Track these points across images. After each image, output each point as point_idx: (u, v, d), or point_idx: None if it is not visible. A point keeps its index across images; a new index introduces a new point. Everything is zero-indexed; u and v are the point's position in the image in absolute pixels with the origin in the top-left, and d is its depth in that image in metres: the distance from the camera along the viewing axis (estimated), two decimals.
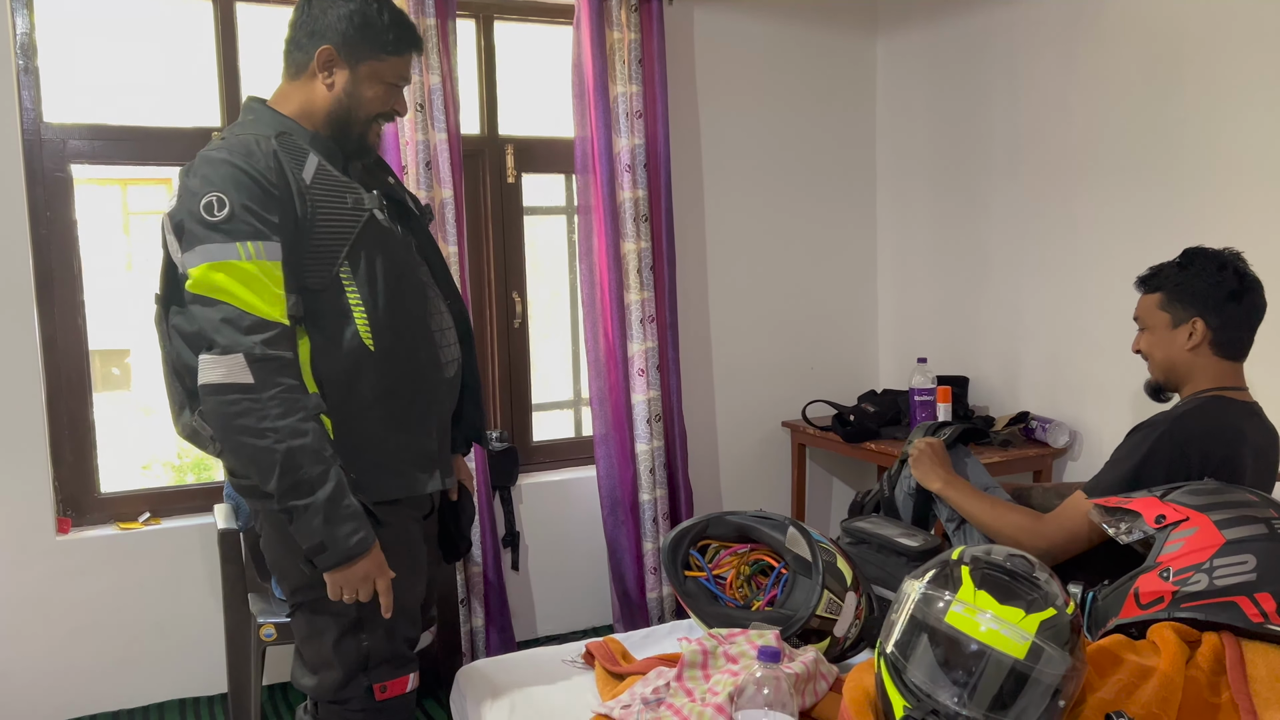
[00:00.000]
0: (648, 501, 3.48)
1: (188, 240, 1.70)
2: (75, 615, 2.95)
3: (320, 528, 1.71)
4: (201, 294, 1.68)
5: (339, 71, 1.85)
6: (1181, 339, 2.06)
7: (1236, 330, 2.05)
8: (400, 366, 1.87)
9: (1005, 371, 3.55)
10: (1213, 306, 2.03)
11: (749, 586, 2.05)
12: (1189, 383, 2.08)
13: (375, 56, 1.86)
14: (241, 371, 1.66)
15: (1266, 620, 1.60)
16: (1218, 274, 2.04)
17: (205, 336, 1.68)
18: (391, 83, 1.90)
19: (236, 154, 1.73)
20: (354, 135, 1.90)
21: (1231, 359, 2.07)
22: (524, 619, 3.50)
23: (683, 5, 3.58)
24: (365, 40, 1.84)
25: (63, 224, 2.92)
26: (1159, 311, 2.09)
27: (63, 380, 2.95)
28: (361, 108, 1.88)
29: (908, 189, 3.91)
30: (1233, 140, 2.77)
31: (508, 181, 3.49)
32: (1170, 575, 1.67)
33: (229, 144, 1.75)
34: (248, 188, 1.70)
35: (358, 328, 1.80)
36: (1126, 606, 1.72)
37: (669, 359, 3.51)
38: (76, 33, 2.98)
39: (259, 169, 1.72)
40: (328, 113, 1.87)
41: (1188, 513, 1.72)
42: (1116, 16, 3.05)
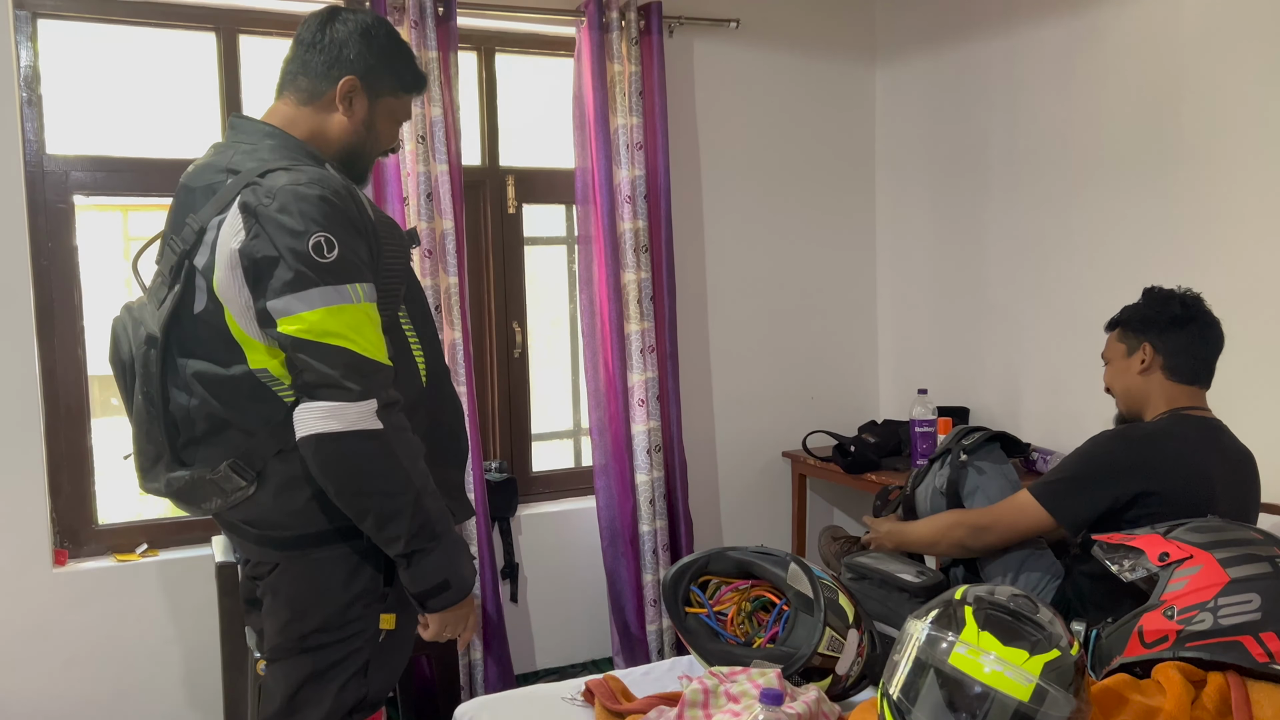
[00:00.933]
0: (648, 532, 3.46)
1: (293, 283, 1.58)
2: (72, 647, 2.92)
3: (445, 567, 1.69)
4: (316, 340, 1.58)
5: (359, 103, 1.80)
6: (1135, 365, 2.18)
7: (1186, 356, 2.14)
8: (441, 402, 1.87)
9: (1006, 403, 3.55)
10: (1158, 330, 2.15)
11: (750, 623, 2.03)
12: (1147, 407, 2.18)
13: (394, 93, 1.83)
14: (370, 419, 1.59)
15: (1272, 660, 1.59)
16: (1164, 304, 2.17)
17: (329, 384, 1.57)
18: (399, 121, 1.89)
19: (328, 189, 1.63)
20: (360, 169, 1.86)
21: (1186, 383, 2.15)
22: (523, 652, 3.48)
23: (683, 37, 3.61)
24: (389, 75, 1.82)
25: (64, 254, 2.93)
26: (1117, 344, 2.24)
27: (61, 410, 2.95)
28: (376, 142, 1.85)
29: (907, 218, 3.92)
30: (1232, 167, 2.78)
31: (508, 212, 3.50)
32: (1175, 614, 1.66)
33: (312, 177, 1.64)
34: (347, 226, 1.63)
35: (417, 364, 1.79)
36: (1131, 645, 1.71)
37: (669, 389, 3.50)
38: (80, 64, 3.00)
39: (347, 205, 1.65)
40: (343, 144, 1.81)
41: (1191, 550, 1.71)
42: (1113, 44, 3.07)
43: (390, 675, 1.87)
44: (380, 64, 1.80)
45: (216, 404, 1.69)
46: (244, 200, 1.62)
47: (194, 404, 1.71)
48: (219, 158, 1.74)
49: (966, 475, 2.28)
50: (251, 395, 1.68)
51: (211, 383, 1.69)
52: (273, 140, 1.75)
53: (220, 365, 1.68)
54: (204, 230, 1.67)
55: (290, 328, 1.58)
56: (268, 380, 1.67)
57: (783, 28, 3.80)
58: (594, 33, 3.32)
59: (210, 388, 1.69)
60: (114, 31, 3.01)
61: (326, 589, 1.75)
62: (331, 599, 1.76)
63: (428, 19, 3.08)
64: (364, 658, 1.80)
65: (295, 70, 1.80)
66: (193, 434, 1.73)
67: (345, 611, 1.76)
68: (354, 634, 1.77)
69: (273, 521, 1.74)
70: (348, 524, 1.69)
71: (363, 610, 1.77)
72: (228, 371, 1.67)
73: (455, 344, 3.17)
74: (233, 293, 1.64)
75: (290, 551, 1.76)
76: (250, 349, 1.66)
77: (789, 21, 3.81)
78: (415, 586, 1.69)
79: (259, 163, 1.68)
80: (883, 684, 1.51)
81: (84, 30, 2.98)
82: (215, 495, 1.73)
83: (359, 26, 1.79)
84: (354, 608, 1.76)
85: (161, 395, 1.72)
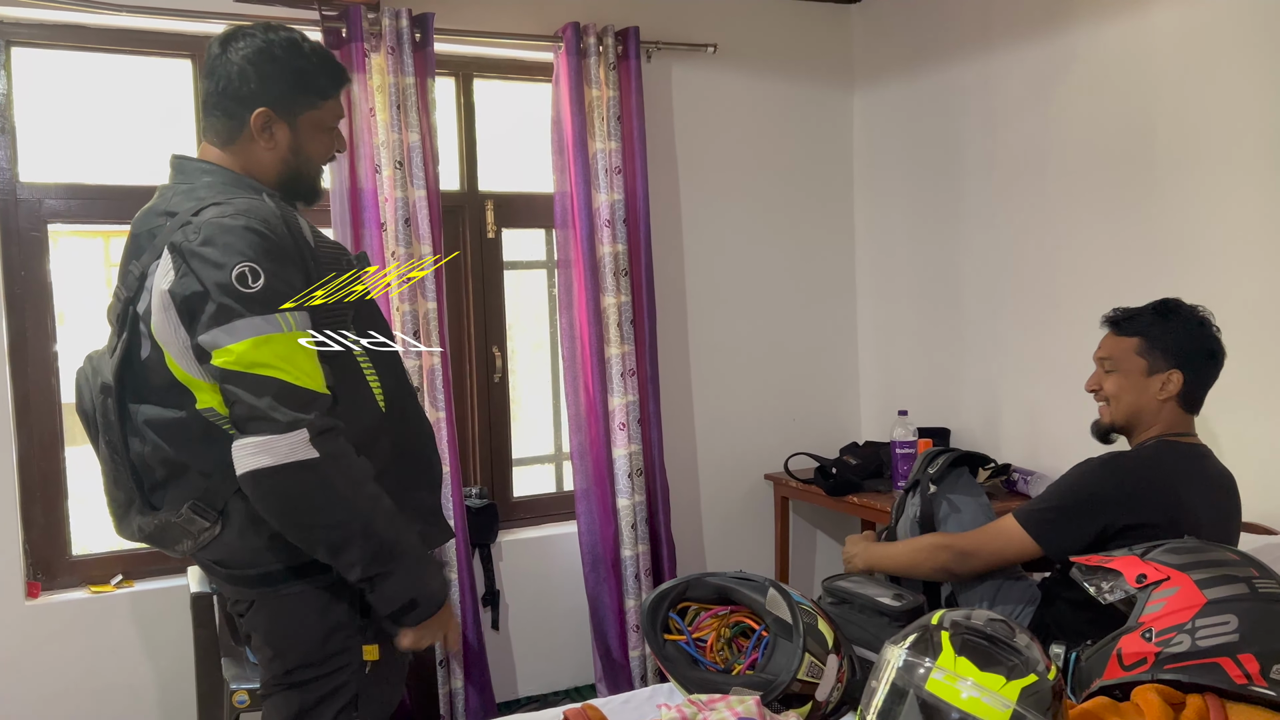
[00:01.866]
0: (630, 557, 3.44)
1: (217, 316, 1.55)
2: (46, 681, 2.88)
3: (410, 586, 1.67)
4: (245, 371, 1.55)
5: (279, 131, 1.75)
6: (1154, 388, 2.10)
7: (1204, 388, 2.11)
8: (406, 425, 1.84)
9: (986, 423, 3.55)
10: (1191, 361, 2.08)
11: (730, 649, 2.01)
12: (1147, 430, 2.13)
13: (313, 105, 1.76)
14: (304, 449, 1.55)
15: (1250, 682, 1.58)
16: (1199, 329, 2.09)
17: (257, 416, 1.54)
18: (331, 126, 1.81)
19: (254, 219, 1.60)
20: (305, 189, 1.82)
21: (1191, 412, 2.13)
22: (504, 679, 3.44)
23: (661, 62, 3.62)
24: (301, 92, 1.74)
25: (38, 283, 2.90)
26: (1136, 357, 2.13)
27: (35, 440, 2.92)
28: (310, 161, 1.80)
29: (886, 240, 3.94)
30: (1207, 187, 2.80)
31: (488, 237, 3.49)
32: (1153, 636, 1.65)
33: (240, 208, 1.61)
34: (274, 255, 1.60)
35: (372, 390, 1.76)
36: (1110, 668, 1.70)
37: (650, 412, 3.49)
38: (54, 92, 2.98)
39: (278, 233, 1.62)
40: (277, 174, 1.77)
41: (1169, 572, 1.70)
42: (1088, 66, 3.09)
43: (383, 707, 1.85)
44: (287, 85, 1.73)
45: (169, 449, 1.67)
46: (173, 240, 1.61)
47: (148, 450, 1.69)
48: (159, 201, 1.73)
49: (939, 505, 2.28)
50: (203, 437, 1.66)
51: (162, 428, 1.67)
52: (210, 177, 1.72)
53: (170, 409, 1.66)
54: (144, 275, 1.66)
55: (219, 360, 1.56)
56: (216, 419, 1.65)
57: (760, 52, 3.83)
58: (572, 58, 3.33)
59: (161, 433, 1.67)
60: (89, 59, 3.01)
61: (302, 625, 1.74)
62: (308, 634, 1.74)
63: (405, 45, 3.08)
64: (352, 691, 1.78)
65: (208, 110, 1.75)
66: (154, 479, 1.72)
67: (324, 645, 1.74)
68: (338, 668, 1.76)
69: (240, 560, 1.73)
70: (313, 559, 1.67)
71: (343, 643, 1.76)
72: (177, 414, 1.66)
73: (434, 369, 3.16)
74: (169, 334, 1.62)
75: (262, 589, 1.74)
76: (197, 389, 1.65)
77: (766, 46, 3.84)
78: (384, 609, 1.68)
79: (195, 201, 1.65)
80: (860, 710, 1.49)
81: (58, 58, 2.97)
82: (184, 538, 1.71)
83: (253, 51, 1.71)
84: (332, 641, 1.75)
85: (123, 443, 1.71)
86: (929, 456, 2.38)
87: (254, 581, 1.74)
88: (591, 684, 3.54)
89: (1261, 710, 1.57)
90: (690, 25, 3.66)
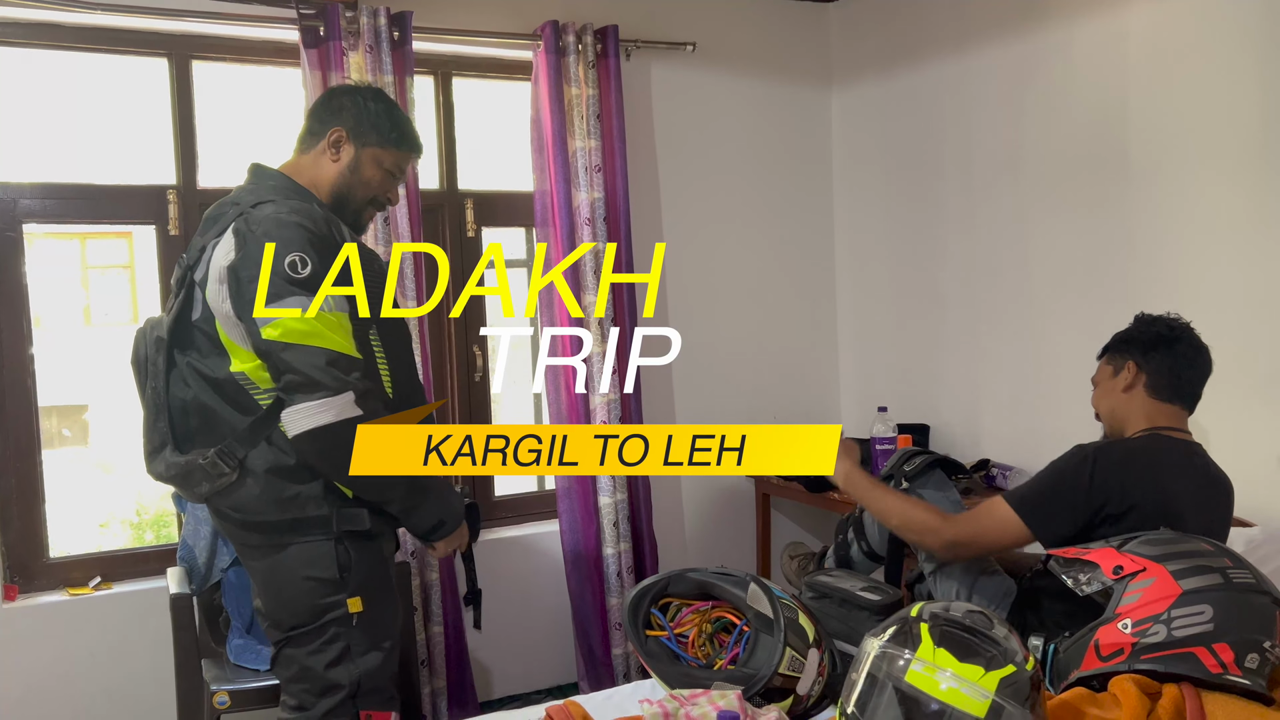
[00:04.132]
0: (611, 556, 3.45)
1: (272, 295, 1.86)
2: (22, 684, 2.85)
3: (440, 510, 2.09)
4: (295, 343, 1.85)
5: (345, 149, 2.11)
6: (1120, 383, 2.17)
7: (1169, 375, 2.12)
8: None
9: (966, 420, 3.58)
10: (1141, 349, 2.15)
11: (711, 645, 2.02)
12: (1128, 424, 2.16)
13: (379, 145, 2.12)
14: (351, 407, 1.88)
15: (1225, 671, 1.60)
16: (1151, 324, 2.17)
17: (311, 382, 1.85)
18: (389, 170, 2.14)
19: (306, 218, 1.94)
20: (350, 212, 2.13)
21: (1167, 401, 2.13)
22: (486, 679, 3.44)
23: (640, 60, 3.63)
24: (373, 129, 2.11)
25: (12, 284, 2.88)
26: (1105, 366, 2.23)
27: (10, 442, 2.89)
28: (361, 186, 2.12)
29: (865, 238, 3.96)
30: (1181, 190, 2.83)
31: (467, 235, 3.49)
32: (1129, 627, 1.67)
33: (294, 208, 1.95)
34: (320, 248, 1.93)
35: (384, 380, 2.06)
36: (1087, 659, 1.72)
37: (631, 410, 3.49)
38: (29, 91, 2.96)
39: (323, 231, 1.95)
40: (332, 185, 2.11)
41: (1145, 563, 1.72)
42: (1062, 67, 3.12)
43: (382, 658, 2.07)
44: (367, 119, 2.11)
45: (205, 398, 1.97)
46: (235, 226, 1.94)
47: (189, 395, 1.99)
48: (233, 195, 2.06)
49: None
50: (234, 394, 1.96)
51: (202, 379, 1.98)
52: (273, 182, 2.06)
53: (210, 365, 1.97)
54: (204, 249, 1.99)
55: (270, 333, 1.86)
56: (245, 384, 1.95)
57: (739, 51, 3.84)
58: (551, 56, 3.33)
59: (201, 383, 1.98)
60: (65, 58, 2.98)
61: (290, 581, 2.00)
62: (296, 591, 2.00)
63: (383, 43, 3.07)
64: (343, 643, 2.02)
65: (306, 129, 2.15)
66: (188, 425, 2.01)
67: (311, 604, 2.00)
68: (327, 621, 2.00)
69: (250, 509, 1.99)
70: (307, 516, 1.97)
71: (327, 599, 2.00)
72: (215, 372, 1.96)
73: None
74: (219, 303, 1.93)
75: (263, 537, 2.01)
76: (234, 354, 1.95)
77: (745, 45, 3.85)
78: (418, 530, 2.11)
79: (256, 197, 1.99)
80: (841, 703, 1.51)
81: (33, 56, 2.95)
82: (204, 480, 1.98)
83: (355, 91, 2.17)
84: (317, 597, 2.00)
85: (165, 390, 2.02)
86: (906, 455, 2.39)
87: (258, 528, 2.00)
88: (574, 682, 3.54)
89: (1236, 699, 1.60)
90: (669, 24, 3.67)
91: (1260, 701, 1.60)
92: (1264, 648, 1.62)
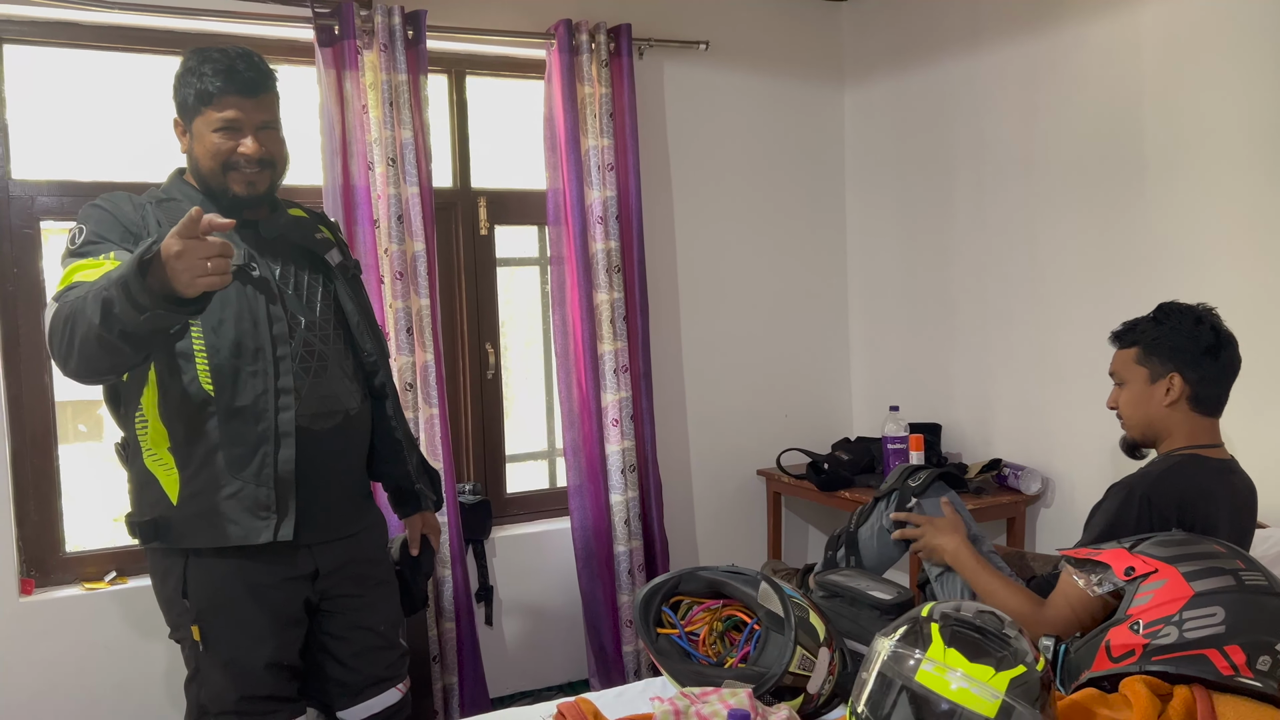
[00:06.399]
0: (623, 553, 3.46)
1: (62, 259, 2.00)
2: (37, 678, 2.88)
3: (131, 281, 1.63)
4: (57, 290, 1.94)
5: (183, 136, 2.08)
6: (1159, 394, 2.06)
7: (1214, 386, 2.05)
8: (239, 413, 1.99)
9: (977, 419, 3.57)
10: (1190, 361, 2.03)
11: (722, 643, 2.03)
12: (1166, 439, 2.08)
13: (199, 112, 2.02)
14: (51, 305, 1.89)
15: (1236, 673, 1.59)
16: (1194, 328, 2.04)
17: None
18: (222, 128, 2.01)
19: (108, 200, 2.03)
20: (216, 187, 2.05)
21: (1208, 414, 2.07)
22: (498, 675, 3.45)
23: (653, 59, 3.63)
24: (189, 99, 2.03)
25: (30, 280, 2.90)
26: (1136, 366, 2.10)
27: (28, 438, 2.91)
28: (203, 160, 2.04)
29: (877, 236, 3.95)
30: (1195, 185, 2.82)
31: (480, 233, 3.50)
32: (1140, 628, 1.66)
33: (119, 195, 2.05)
34: (104, 224, 1.99)
35: (198, 373, 1.97)
36: (1098, 659, 1.71)
37: (643, 409, 3.50)
38: (46, 89, 2.98)
39: (120, 210, 2.01)
40: (192, 170, 2.09)
41: (1156, 564, 1.72)
42: (1076, 64, 3.11)
43: (218, 694, 2.03)
44: (179, 94, 2.05)
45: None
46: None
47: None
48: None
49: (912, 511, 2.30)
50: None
51: None
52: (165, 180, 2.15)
53: None
54: None
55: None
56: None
57: (752, 49, 3.84)
58: (564, 55, 3.33)
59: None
60: (82, 56, 3.00)
61: (164, 585, 2.08)
62: (162, 598, 2.10)
63: (397, 42, 3.09)
64: (193, 664, 2.06)
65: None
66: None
67: (169, 610, 2.08)
68: (182, 638, 2.07)
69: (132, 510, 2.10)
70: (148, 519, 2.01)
71: (177, 617, 2.06)
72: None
73: (428, 366, 3.16)
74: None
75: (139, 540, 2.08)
76: None
77: (758, 43, 3.85)
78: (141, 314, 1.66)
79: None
80: (851, 702, 1.51)
81: (50, 55, 2.97)
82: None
83: (177, 74, 2.07)
84: (172, 612, 2.07)
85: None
86: (907, 470, 2.39)
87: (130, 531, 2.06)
88: (585, 679, 3.55)
89: (1248, 701, 1.59)
90: (682, 22, 3.67)
91: (1272, 704, 1.59)
92: (1276, 650, 1.61)
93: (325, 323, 2.13)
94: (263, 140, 2.04)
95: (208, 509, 1.98)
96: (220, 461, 1.98)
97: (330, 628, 2.19)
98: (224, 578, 2.02)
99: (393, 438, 2.28)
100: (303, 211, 2.25)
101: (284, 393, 2.01)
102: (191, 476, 1.99)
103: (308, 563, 2.11)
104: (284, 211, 2.17)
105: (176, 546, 2.02)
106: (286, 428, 2.01)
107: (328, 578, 2.14)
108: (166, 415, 1.99)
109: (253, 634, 2.04)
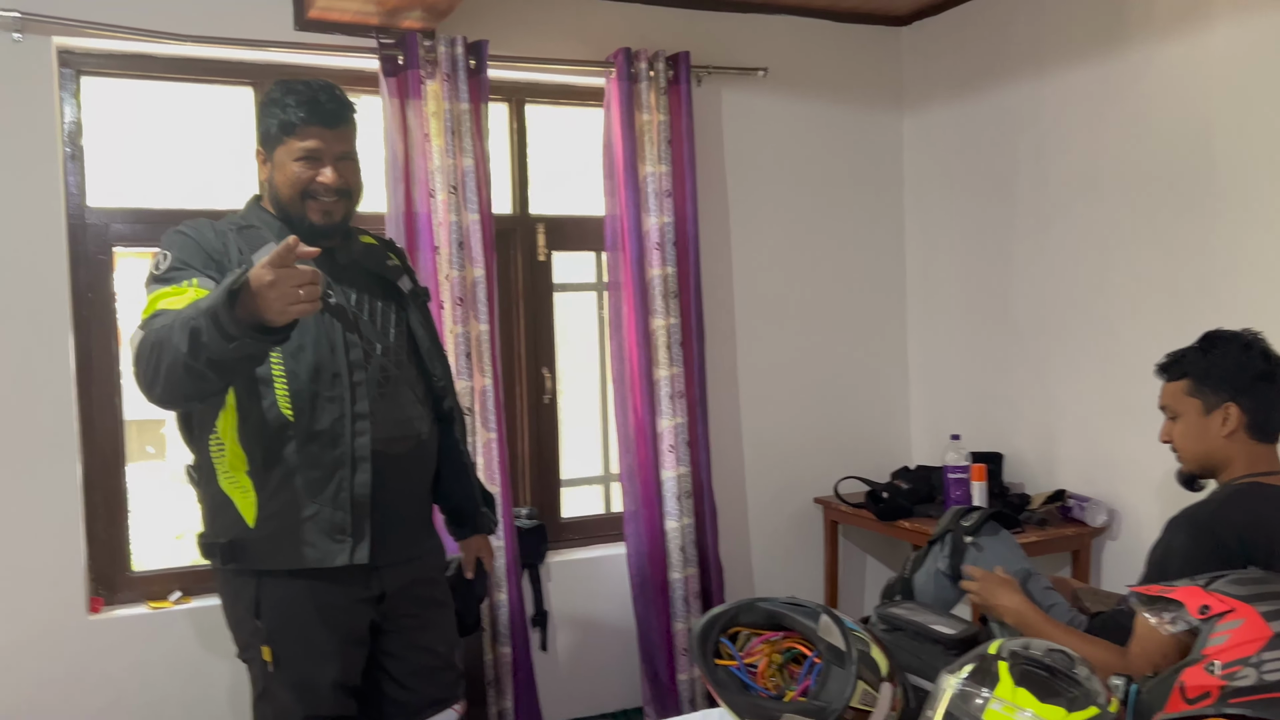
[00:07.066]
0: (678, 580, 3.44)
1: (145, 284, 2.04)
2: (103, 695, 2.93)
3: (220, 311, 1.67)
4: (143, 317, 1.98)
5: (264, 165, 2.12)
6: (1215, 426, 2.01)
7: (1271, 412, 2.00)
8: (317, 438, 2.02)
9: (1040, 448, 3.50)
10: (1244, 388, 1.99)
11: (781, 675, 2.00)
12: (1226, 470, 2.03)
13: (281, 142, 2.07)
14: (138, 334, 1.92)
15: None
16: (1244, 354, 2.00)
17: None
18: (302, 158, 2.06)
19: (190, 226, 2.06)
20: (294, 216, 2.08)
21: (1267, 441, 2.02)
22: (552, 701, 3.44)
23: (711, 86, 3.64)
24: (272, 129, 2.08)
25: (103, 305, 2.98)
26: (1187, 398, 2.05)
27: (98, 458, 2.98)
28: (283, 188, 2.08)
29: (937, 262, 3.91)
30: (1267, 208, 2.75)
31: (538, 259, 3.52)
32: (1217, 669, 1.61)
33: (201, 222, 2.09)
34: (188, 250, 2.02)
35: (277, 398, 2.00)
36: (1172, 701, 1.66)
37: (699, 435, 3.49)
38: (121, 119, 3.07)
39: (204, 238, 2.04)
40: (270, 198, 2.13)
41: (1233, 604, 1.67)
42: (1144, 86, 3.06)
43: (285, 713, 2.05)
44: (262, 125, 2.11)
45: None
46: None
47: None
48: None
49: (966, 554, 2.24)
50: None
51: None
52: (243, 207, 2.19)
53: None
54: None
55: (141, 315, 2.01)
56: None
57: (810, 76, 3.83)
58: (623, 83, 3.36)
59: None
60: (154, 87, 3.09)
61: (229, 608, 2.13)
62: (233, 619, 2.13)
63: (460, 71, 3.13)
64: (261, 684, 2.08)
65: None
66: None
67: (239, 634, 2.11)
68: (251, 658, 2.09)
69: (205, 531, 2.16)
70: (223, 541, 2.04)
71: (248, 637, 2.08)
72: None
73: (486, 390, 3.19)
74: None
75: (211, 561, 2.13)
76: None
77: (816, 70, 3.84)
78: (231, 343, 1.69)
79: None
80: None
81: (125, 86, 3.06)
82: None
83: (260, 104, 2.17)
84: (243, 631, 2.09)
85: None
86: (960, 512, 2.35)
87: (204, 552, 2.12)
88: (639, 707, 3.53)
89: None
90: (741, 49, 3.68)
91: None
92: None
93: (398, 349, 2.17)
94: (341, 170, 2.08)
95: (285, 531, 2.01)
96: (298, 485, 2.00)
97: (389, 647, 2.21)
98: (295, 599, 2.04)
99: (460, 461, 2.33)
100: (372, 239, 2.29)
101: (360, 417, 2.04)
102: (269, 499, 2.02)
103: (376, 585, 2.13)
104: (356, 239, 2.22)
105: (252, 569, 2.05)
106: (363, 452, 2.04)
107: (392, 599, 2.16)
108: (245, 439, 2.01)
109: (321, 654, 2.06)
